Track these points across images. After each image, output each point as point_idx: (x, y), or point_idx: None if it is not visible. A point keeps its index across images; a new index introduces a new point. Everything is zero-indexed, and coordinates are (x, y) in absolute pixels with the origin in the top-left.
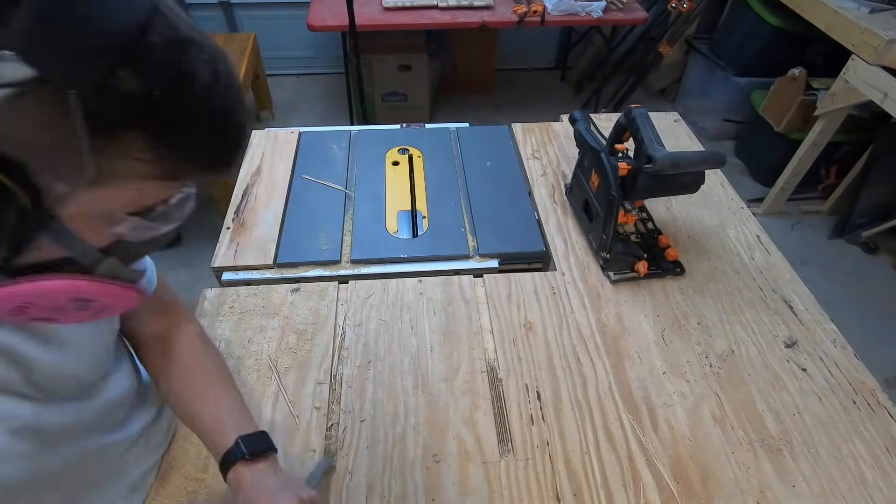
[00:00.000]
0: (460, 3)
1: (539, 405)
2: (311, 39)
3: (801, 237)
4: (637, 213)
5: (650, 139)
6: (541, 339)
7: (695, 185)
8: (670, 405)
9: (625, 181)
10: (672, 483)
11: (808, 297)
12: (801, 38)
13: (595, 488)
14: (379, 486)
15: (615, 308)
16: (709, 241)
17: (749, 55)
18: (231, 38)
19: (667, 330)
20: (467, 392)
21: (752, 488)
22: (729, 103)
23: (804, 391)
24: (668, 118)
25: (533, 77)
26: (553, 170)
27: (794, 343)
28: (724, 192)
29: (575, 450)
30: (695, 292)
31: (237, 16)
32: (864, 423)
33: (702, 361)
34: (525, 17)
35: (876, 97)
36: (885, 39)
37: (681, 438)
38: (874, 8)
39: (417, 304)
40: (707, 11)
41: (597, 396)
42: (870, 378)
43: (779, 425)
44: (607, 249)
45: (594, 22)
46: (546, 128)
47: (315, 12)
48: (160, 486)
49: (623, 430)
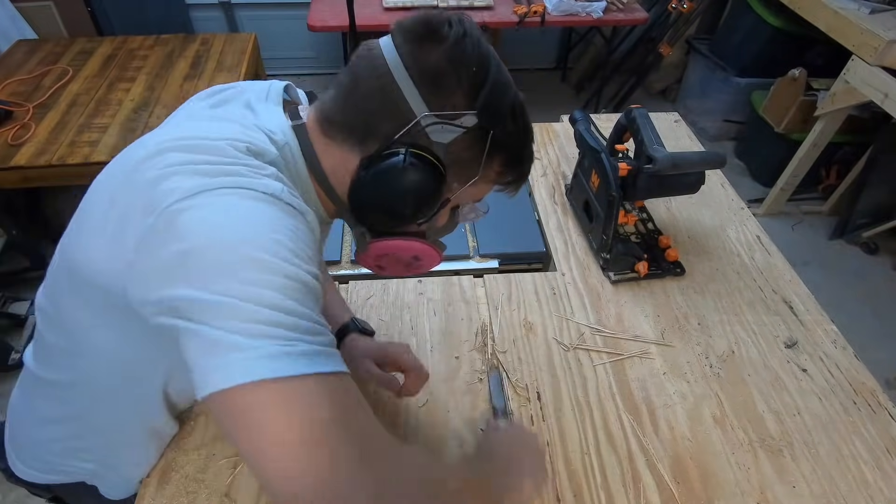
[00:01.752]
0: (460, 4)
1: (539, 405)
2: (311, 40)
3: (801, 238)
4: (637, 214)
5: (650, 139)
6: (541, 340)
7: (695, 186)
8: (670, 406)
9: (625, 181)
10: (672, 483)
11: (809, 298)
12: (802, 39)
13: (595, 489)
14: None
15: (615, 308)
16: (709, 241)
17: (749, 56)
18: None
19: (667, 330)
20: (467, 392)
21: (753, 489)
22: (729, 104)
23: (804, 392)
24: (669, 118)
25: (533, 77)
26: (553, 170)
27: (794, 344)
28: (725, 192)
29: (575, 450)
30: (695, 293)
31: (237, 16)
32: (865, 423)
33: (702, 362)
34: (525, 17)
35: (876, 98)
36: (886, 40)
37: (681, 439)
38: (875, 9)
39: (417, 304)
40: (707, 12)
41: (597, 397)
42: (870, 379)
43: (779, 426)
44: (607, 250)
45: (594, 22)
46: (546, 128)
47: (315, 13)
48: (160, 486)
49: (623, 430)
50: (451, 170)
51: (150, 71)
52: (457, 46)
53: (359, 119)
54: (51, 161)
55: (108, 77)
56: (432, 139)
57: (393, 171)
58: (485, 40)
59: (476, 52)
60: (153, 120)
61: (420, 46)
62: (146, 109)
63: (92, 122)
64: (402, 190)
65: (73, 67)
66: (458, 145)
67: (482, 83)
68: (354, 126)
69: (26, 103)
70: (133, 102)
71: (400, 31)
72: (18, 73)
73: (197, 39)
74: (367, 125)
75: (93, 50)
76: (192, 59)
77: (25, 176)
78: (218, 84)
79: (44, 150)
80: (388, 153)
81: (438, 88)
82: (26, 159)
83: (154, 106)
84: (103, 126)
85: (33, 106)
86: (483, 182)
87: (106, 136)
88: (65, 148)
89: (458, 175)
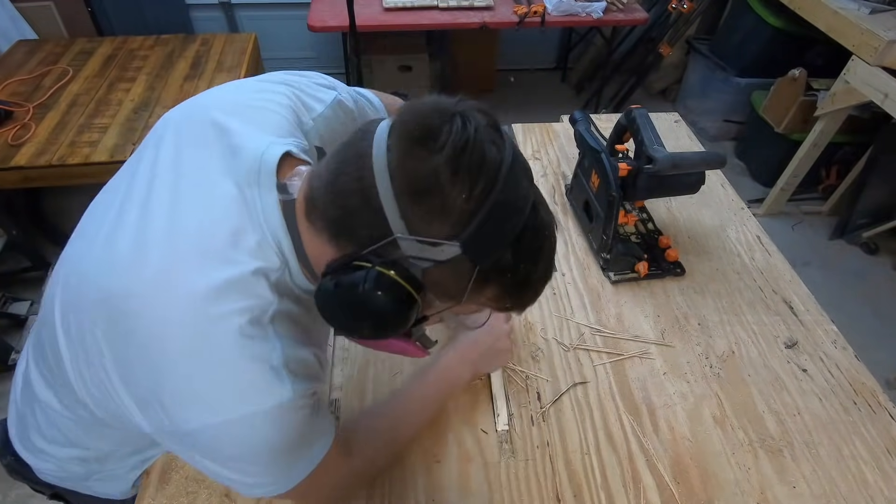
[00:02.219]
0: (461, 4)
1: (539, 405)
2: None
3: (801, 238)
4: (637, 214)
5: (650, 140)
6: (541, 340)
7: (695, 186)
8: (671, 406)
9: (625, 182)
10: (672, 484)
11: (809, 298)
12: (802, 39)
13: (595, 489)
14: (379, 488)
15: (615, 309)
16: (709, 241)
17: (749, 56)
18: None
19: (667, 330)
20: (467, 393)
21: (753, 489)
22: (729, 104)
23: (805, 392)
24: (669, 119)
25: (533, 77)
26: (553, 170)
27: (794, 344)
28: (725, 192)
29: (575, 450)
30: (695, 293)
31: (238, 16)
32: (865, 424)
33: (702, 362)
34: (525, 17)
35: (876, 98)
36: (886, 40)
37: (681, 439)
38: (875, 9)
39: None
40: (707, 12)
41: (597, 397)
42: (870, 379)
43: (779, 426)
44: (607, 250)
45: (594, 22)
46: (546, 128)
47: (315, 13)
48: (160, 486)
49: (623, 430)
50: (430, 293)
51: (150, 71)
52: (453, 160)
53: (337, 213)
54: (51, 161)
55: (109, 77)
56: (409, 257)
57: (354, 289)
58: (497, 144)
59: (477, 166)
60: (153, 120)
61: (412, 154)
62: (146, 109)
63: (92, 122)
64: (365, 311)
65: (74, 68)
66: (439, 272)
67: (474, 211)
68: (332, 219)
69: (26, 103)
70: (133, 103)
71: (397, 129)
72: (19, 73)
73: (197, 40)
74: (344, 224)
75: (93, 50)
76: (192, 60)
77: (25, 176)
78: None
79: (44, 150)
80: (355, 265)
81: (420, 207)
82: (26, 159)
83: (154, 106)
84: (103, 126)
85: (33, 106)
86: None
87: (106, 136)
88: (65, 148)
89: (439, 295)
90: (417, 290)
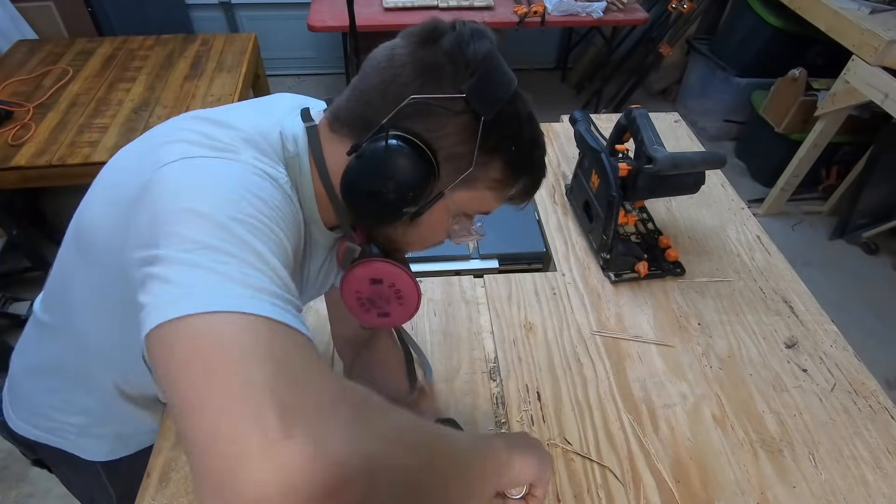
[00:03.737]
0: (461, 4)
1: (539, 405)
2: (311, 40)
3: (801, 238)
4: (637, 214)
5: (650, 140)
6: (541, 340)
7: (695, 186)
8: (671, 406)
9: (625, 182)
10: (672, 484)
11: (809, 298)
12: (802, 39)
13: (595, 489)
14: None
15: (615, 308)
16: (709, 241)
17: (750, 56)
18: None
19: (667, 330)
20: (468, 393)
21: (753, 489)
22: (729, 104)
23: (805, 392)
24: (669, 119)
25: (533, 77)
26: (553, 170)
27: (794, 344)
28: (725, 192)
29: (575, 450)
30: (695, 293)
31: (238, 16)
32: (865, 424)
33: (702, 362)
34: (525, 17)
35: (876, 98)
36: (886, 40)
37: (681, 439)
38: (875, 9)
39: None
40: (707, 12)
41: (597, 397)
42: (870, 379)
43: (779, 426)
44: (608, 250)
45: (594, 22)
46: (546, 128)
47: (315, 13)
48: (160, 486)
49: (623, 430)
50: (443, 163)
51: (150, 71)
52: (456, 45)
53: (360, 111)
54: (51, 161)
55: (109, 77)
56: (424, 125)
57: (376, 152)
58: (491, 45)
59: (475, 51)
60: (153, 120)
61: (422, 46)
62: (146, 109)
63: (92, 122)
64: (386, 171)
65: (74, 68)
66: (451, 137)
67: (474, 72)
68: (356, 119)
69: (26, 103)
70: (133, 103)
71: (406, 34)
72: (19, 73)
73: (197, 40)
74: (366, 117)
75: (93, 50)
76: (192, 60)
77: (25, 176)
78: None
79: (44, 150)
80: (375, 137)
81: (433, 79)
82: (26, 159)
83: (154, 106)
84: (103, 126)
85: (33, 106)
86: (482, 187)
87: (106, 136)
88: (65, 148)
89: (451, 168)
90: (431, 151)
